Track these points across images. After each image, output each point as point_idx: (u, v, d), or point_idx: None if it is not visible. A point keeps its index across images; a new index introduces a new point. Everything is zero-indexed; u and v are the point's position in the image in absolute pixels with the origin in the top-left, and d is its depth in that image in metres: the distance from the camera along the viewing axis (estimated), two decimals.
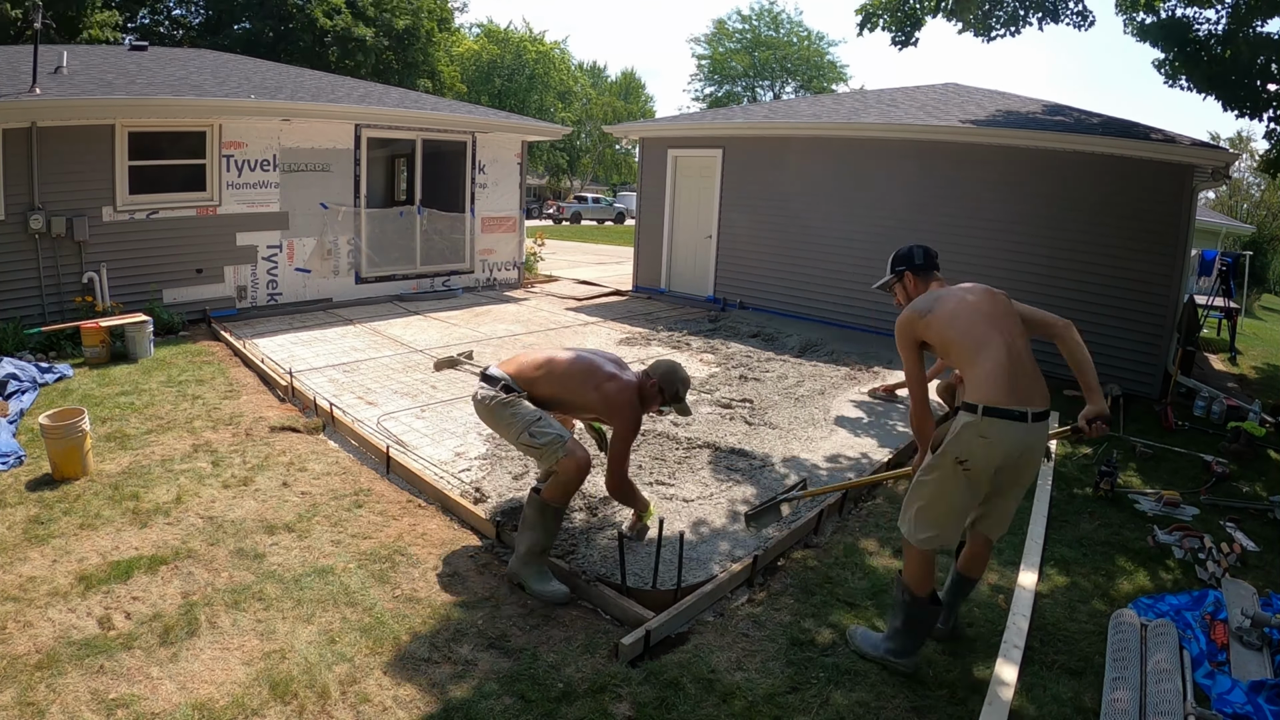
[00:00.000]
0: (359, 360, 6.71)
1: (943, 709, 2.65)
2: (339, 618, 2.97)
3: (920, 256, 3.09)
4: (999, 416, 2.49)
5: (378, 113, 9.34)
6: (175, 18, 27.54)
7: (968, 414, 2.55)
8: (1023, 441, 2.54)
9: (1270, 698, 2.64)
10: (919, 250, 3.10)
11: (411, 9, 28.85)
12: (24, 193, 6.84)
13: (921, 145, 8.44)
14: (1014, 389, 2.52)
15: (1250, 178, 35.93)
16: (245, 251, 8.45)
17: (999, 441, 2.51)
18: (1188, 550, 3.88)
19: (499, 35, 41.04)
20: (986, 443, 2.52)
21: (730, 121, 10.55)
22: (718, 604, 3.24)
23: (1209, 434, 6.08)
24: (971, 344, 2.64)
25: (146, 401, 5.40)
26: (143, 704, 2.44)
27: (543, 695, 2.59)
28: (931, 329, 2.76)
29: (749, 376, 6.66)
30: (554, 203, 38.27)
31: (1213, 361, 9.96)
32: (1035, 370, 2.62)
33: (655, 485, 4.28)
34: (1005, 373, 2.54)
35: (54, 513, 3.67)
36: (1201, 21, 7.85)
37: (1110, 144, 7.18)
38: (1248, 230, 23.72)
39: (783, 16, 43.95)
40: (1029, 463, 2.65)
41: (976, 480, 2.59)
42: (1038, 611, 3.27)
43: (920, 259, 3.09)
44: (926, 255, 3.09)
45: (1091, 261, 7.35)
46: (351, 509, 3.91)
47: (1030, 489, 4.54)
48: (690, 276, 10.91)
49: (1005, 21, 8.57)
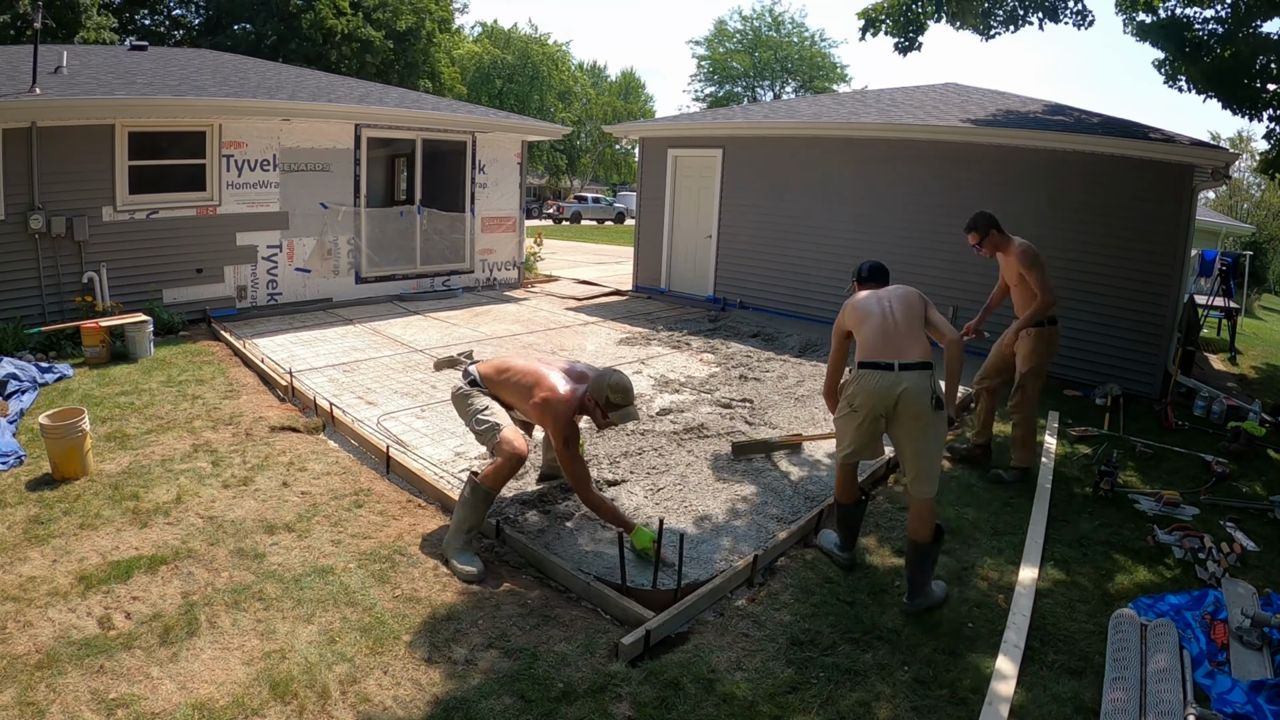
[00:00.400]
0: (359, 360, 6.71)
1: (943, 709, 2.65)
2: (339, 617, 2.97)
3: (866, 271, 3.91)
4: (869, 368, 3.30)
5: (378, 112, 9.34)
6: (175, 18, 27.55)
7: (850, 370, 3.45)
8: (894, 383, 3.22)
9: (1270, 697, 2.64)
10: (866, 265, 3.93)
11: (414, 9, 28.86)
12: (24, 192, 6.83)
13: (922, 145, 8.43)
14: (881, 348, 3.30)
15: (1250, 178, 35.92)
16: (245, 251, 8.45)
17: (873, 385, 3.27)
18: (1188, 550, 3.88)
19: (502, 36, 41.06)
20: (864, 387, 3.29)
21: (730, 121, 10.55)
22: (718, 604, 3.24)
23: (1209, 434, 6.08)
24: (859, 321, 3.47)
25: (146, 401, 5.40)
26: (143, 704, 2.44)
27: (543, 695, 2.59)
28: (850, 317, 3.55)
29: (749, 376, 6.66)
30: (554, 202, 38.24)
31: (1213, 361, 9.96)
32: (909, 336, 3.34)
33: (656, 486, 4.28)
34: (876, 338, 3.34)
35: (54, 513, 3.67)
36: (1201, 21, 7.84)
37: (1110, 144, 7.18)
38: (1248, 230, 23.72)
39: (784, 16, 43.99)
40: (912, 404, 3.22)
41: (864, 416, 3.33)
42: (1037, 611, 3.28)
43: (866, 273, 3.90)
44: (873, 269, 3.90)
45: (1091, 261, 7.35)
46: (351, 509, 3.91)
47: (1031, 489, 4.57)
48: (690, 276, 10.91)
49: (1005, 20, 8.57)
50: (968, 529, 4.06)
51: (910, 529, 3.32)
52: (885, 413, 3.27)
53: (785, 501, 4.20)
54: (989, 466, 4.87)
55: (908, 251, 8.26)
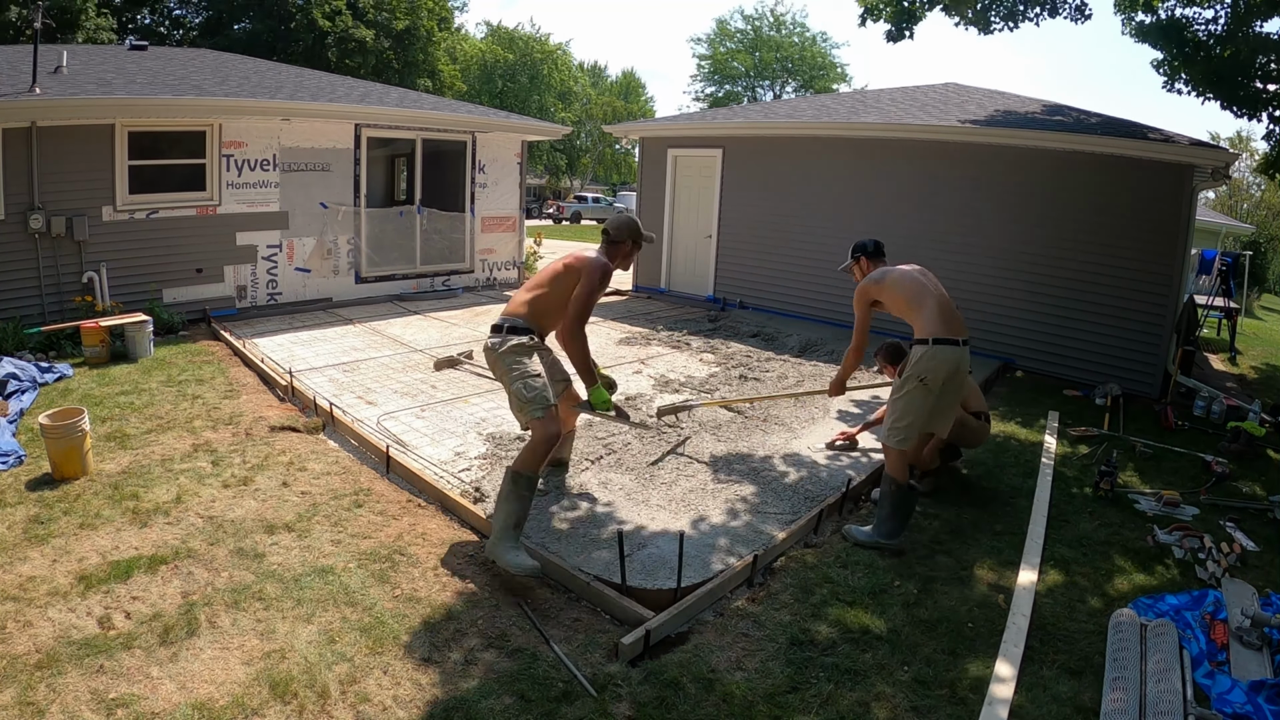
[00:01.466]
0: (359, 360, 6.71)
1: (943, 709, 2.65)
2: (339, 617, 2.97)
3: (872, 246, 4.17)
4: (944, 343, 3.63)
5: (378, 112, 9.34)
6: (175, 18, 27.54)
7: (922, 345, 3.67)
8: (960, 358, 3.68)
9: (1270, 697, 2.64)
10: (871, 242, 4.19)
11: (411, 8, 28.83)
12: (24, 192, 6.83)
13: (921, 145, 8.43)
14: (949, 325, 3.67)
15: (1250, 178, 35.90)
16: (245, 251, 8.44)
17: (945, 360, 3.62)
18: (1188, 550, 3.88)
19: (506, 36, 41.05)
20: (937, 362, 3.61)
21: (730, 121, 10.55)
22: (717, 603, 3.24)
23: (1209, 434, 6.08)
24: (915, 300, 3.77)
25: (146, 401, 5.40)
26: (143, 704, 2.44)
27: (543, 695, 2.59)
28: (884, 291, 3.87)
29: (749, 376, 6.66)
30: (554, 202, 38.22)
31: (1213, 361, 9.97)
32: (959, 315, 3.78)
33: (654, 484, 4.28)
34: (940, 316, 3.68)
35: (54, 512, 3.67)
36: (1200, 21, 7.85)
37: (1109, 144, 7.18)
38: (1248, 230, 23.73)
39: (785, 17, 43.97)
40: (963, 375, 3.76)
41: (933, 390, 3.64)
42: (1037, 611, 3.28)
43: (872, 248, 4.16)
44: (877, 245, 4.17)
45: (1091, 261, 7.35)
46: (351, 509, 3.91)
47: (1030, 489, 4.57)
48: (690, 276, 10.91)
49: (1004, 15, 8.58)
50: (968, 529, 4.05)
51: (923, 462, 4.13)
52: (945, 383, 3.64)
53: (785, 501, 4.20)
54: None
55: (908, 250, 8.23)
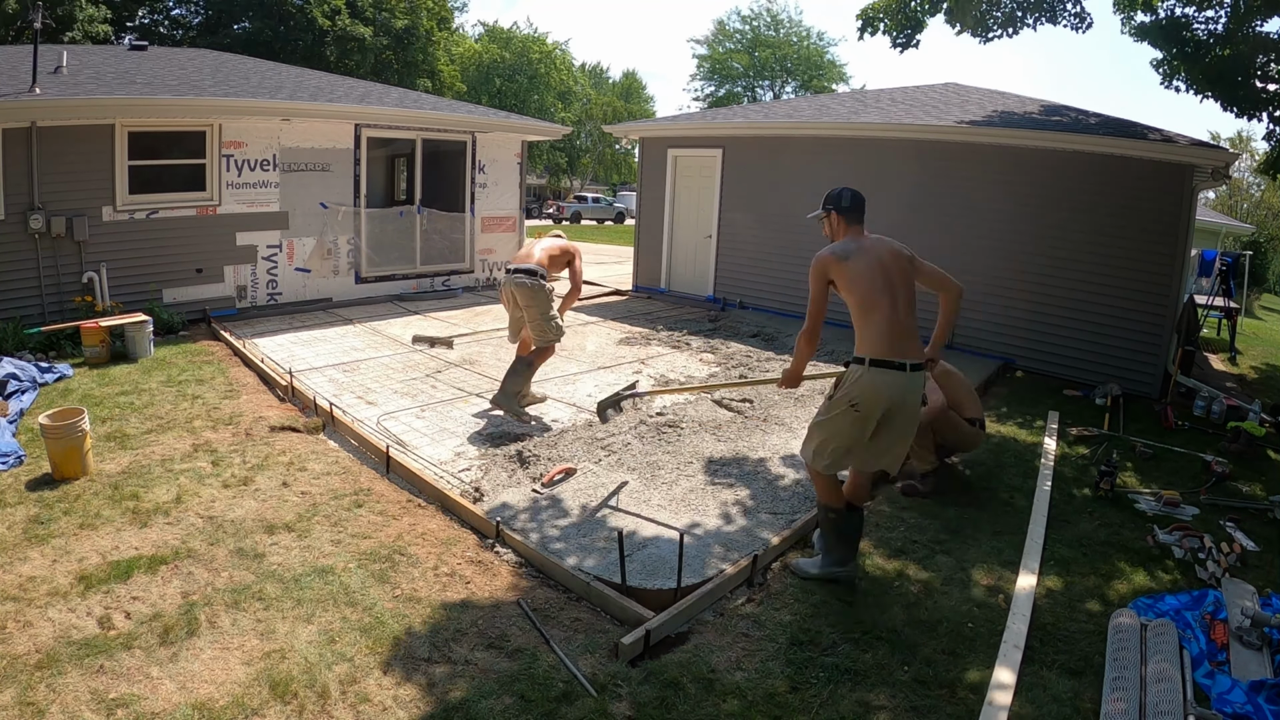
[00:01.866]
0: (359, 360, 6.71)
1: (943, 709, 2.65)
2: (339, 617, 2.97)
3: (848, 200, 3.36)
4: (883, 367, 3.09)
5: (378, 112, 9.33)
6: (175, 18, 27.51)
7: (858, 366, 3.14)
8: (903, 386, 3.10)
9: (1270, 697, 2.64)
10: (848, 193, 3.36)
11: (410, 8, 28.82)
12: (24, 192, 6.82)
13: (921, 145, 8.43)
14: (894, 346, 3.10)
15: (1250, 178, 35.91)
16: (245, 251, 8.44)
17: (883, 386, 3.09)
18: (1187, 550, 3.88)
19: (503, 35, 41.02)
20: (874, 389, 3.09)
21: (730, 121, 10.55)
22: (717, 604, 3.24)
23: (1209, 434, 6.08)
24: (866, 304, 3.16)
25: (146, 401, 5.40)
26: (143, 704, 2.44)
27: (543, 695, 2.59)
28: (842, 277, 3.21)
29: (749, 376, 6.66)
30: (554, 202, 38.24)
31: (1213, 361, 9.97)
32: (913, 331, 3.20)
33: (654, 484, 4.28)
34: (887, 334, 3.11)
35: (54, 512, 3.67)
36: (1200, 21, 7.85)
37: (1109, 144, 7.18)
38: (1248, 230, 23.71)
39: (783, 16, 43.98)
40: (910, 405, 3.19)
41: (865, 419, 3.13)
42: (1037, 612, 3.28)
43: (848, 202, 3.35)
44: (854, 200, 3.36)
45: (1091, 261, 7.35)
46: (351, 509, 3.91)
47: (1030, 490, 4.57)
48: (690, 276, 10.91)
49: (1002, 23, 8.58)
50: (968, 529, 4.05)
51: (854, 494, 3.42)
52: (885, 412, 3.11)
53: (783, 502, 4.19)
54: None
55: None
